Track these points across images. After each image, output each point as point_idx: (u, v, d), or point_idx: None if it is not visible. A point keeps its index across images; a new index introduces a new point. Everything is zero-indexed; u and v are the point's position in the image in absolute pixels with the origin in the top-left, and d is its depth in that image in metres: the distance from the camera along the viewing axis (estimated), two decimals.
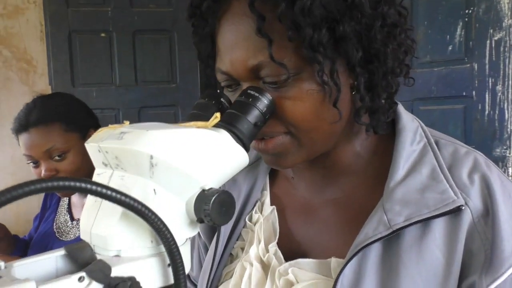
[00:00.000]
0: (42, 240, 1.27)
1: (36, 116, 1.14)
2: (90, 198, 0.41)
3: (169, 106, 2.33)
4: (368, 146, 0.59)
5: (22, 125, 1.14)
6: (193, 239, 0.80)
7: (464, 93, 1.59)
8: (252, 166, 0.69)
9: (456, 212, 0.49)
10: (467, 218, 0.50)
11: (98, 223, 0.38)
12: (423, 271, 0.49)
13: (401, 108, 0.60)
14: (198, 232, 0.75)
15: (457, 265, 0.49)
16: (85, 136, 1.20)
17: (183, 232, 0.40)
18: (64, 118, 1.16)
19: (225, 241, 0.64)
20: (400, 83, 0.56)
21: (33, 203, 2.20)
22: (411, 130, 0.57)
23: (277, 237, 0.60)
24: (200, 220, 0.40)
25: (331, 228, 0.59)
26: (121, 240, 0.37)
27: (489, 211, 0.50)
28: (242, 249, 0.64)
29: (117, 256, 0.38)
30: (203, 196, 0.39)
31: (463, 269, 0.49)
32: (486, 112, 1.54)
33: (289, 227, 0.62)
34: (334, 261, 0.54)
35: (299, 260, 0.56)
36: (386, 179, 0.55)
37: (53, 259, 0.38)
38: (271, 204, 0.64)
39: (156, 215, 0.35)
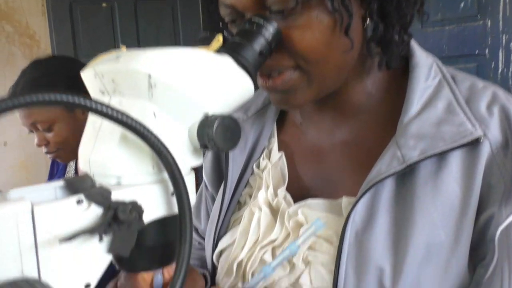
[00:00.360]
0: None
1: (21, 88, 1.12)
2: (88, 126, 0.39)
3: None
4: (380, 84, 0.56)
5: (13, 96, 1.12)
6: (200, 193, 0.78)
7: (476, 51, 1.54)
8: (259, 113, 0.66)
9: (474, 144, 0.47)
10: (485, 150, 0.47)
11: (97, 149, 0.36)
12: (439, 206, 0.47)
13: (415, 44, 0.57)
14: (205, 184, 0.74)
15: (475, 198, 0.46)
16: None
17: (187, 159, 0.38)
18: (46, 90, 1.12)
19: (233, 188, 0.62)
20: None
21: (42, 172, 2.22)
22: (426, 66, 0.54)
23: (286, 182, 0.59)
24: (204, 146, 0.38)
25: (342, 169, 0.57)
26: (121, 165, 0.35)
27: (508, 143, 0.47)
28: (250, 196, 0.62)
29: (118, 184, 0.36)
30: (206, 121, 0.37)
31: (481, 202, 0.47)
32: (500, 70, 1.49)
33: (298, 172, 0.60)
34: (345, 200, 0.52)
35: (309, 200, 0.55)
36: (399, 118, 0.52)
37: (52, 189, 0.37)
38: (279, 151, 0.62)
39: (155, 136, 0.33)
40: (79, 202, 0.32)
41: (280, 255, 0.46)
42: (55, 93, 0.30)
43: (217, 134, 0.37)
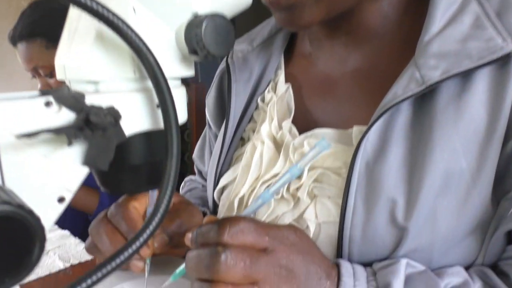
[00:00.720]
0: None
1: (19, 30, 1.07)
2: (64, 31, 0.35)
3: None
4: (398, 5, 0.50)
5: (12, 40, 1.09)
6: (204, 135, 0.75)
7: None
8: (265, 44, 0.61)
9: (504, 61, 0.41)
10: None
11: (72, 53, 0.32)
12: (461, 130, 0.42)
13: None
14: (208, 124, 0.70)
15: (503, 122, 0.41)
16: None
17: (174, 68, 0.34)
18: (45, 33, 1.06)
19: (236, 124, 0.58)
20: None
21: None
22: None
23: (292, 114, 0.54)
24: (193, 51, 0.33)
25: (353, 99, 0.52)
26: (97, 69, 0.31)
27: None
28: (254, 131, 0.58)
29: (96, 92, 0.32)
30: (195, 21, 0.32)
31: (510, 126, 0.41)
32: None
33: (306, 104, 0.56)
34: (356, 129, 0.47)
35: (316, 130, 0.50)
36: (417, 41, 0.46)
37: (26, 99, 0.33)
38: (286, 83, 0.57)
39: (132, 29, 0.29)
40: (48, 104, 0.29)
41: (280, 179, 0.42)
42: None
43: (207, 35, 0.32)
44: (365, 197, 0.44)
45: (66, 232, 0.77)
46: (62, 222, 1.14)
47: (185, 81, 1.04)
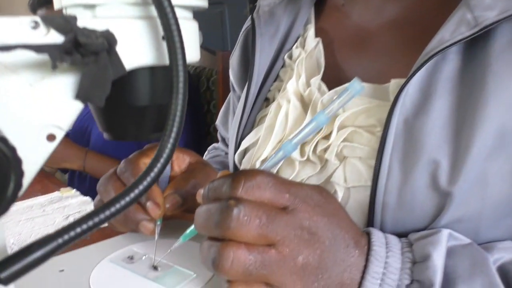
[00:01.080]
0: (80, 126, 1.26)
1: None
2: None
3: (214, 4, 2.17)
4: None
5: (32, 7, 1.09)
6: (228, 101, 0.71)
7: None
8: None
9: None
10: None
11: None
12: None
13: None
14: (232, 87, 0.66)
15: None
16: None
17: None
18: None
19: (260, 82, 0.53)
20: None
21: None
22: None
23: (322, 71, 0.49)
24: None
25: (390, 53, 0.46)
26: None
27: None
28: (280, 90, 0.53)
29: (94, 18, 0.28)
30: None
31: None
32: None
33: (337, 60, 0.50)
34: (394, 83, 0.42)
35: (347, 85, 0.45)
36: None
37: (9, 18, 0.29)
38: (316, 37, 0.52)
39: None
40: (34, 25, 0.25)
41: (305, 128, 0.37)
42: None
43: None
44: (403, 158, 0.38)
45: (87, 199, 0.75)
46: (86, 190, 1.14)
47: (211, 50, 0.99)
